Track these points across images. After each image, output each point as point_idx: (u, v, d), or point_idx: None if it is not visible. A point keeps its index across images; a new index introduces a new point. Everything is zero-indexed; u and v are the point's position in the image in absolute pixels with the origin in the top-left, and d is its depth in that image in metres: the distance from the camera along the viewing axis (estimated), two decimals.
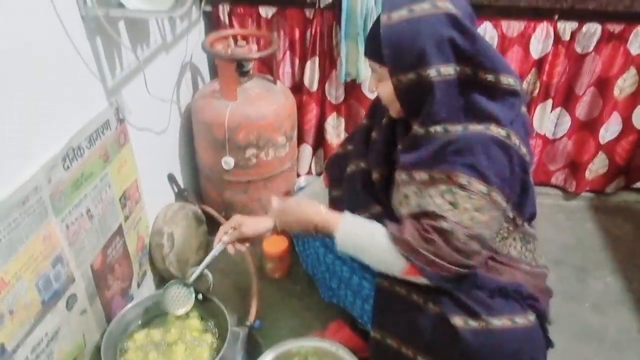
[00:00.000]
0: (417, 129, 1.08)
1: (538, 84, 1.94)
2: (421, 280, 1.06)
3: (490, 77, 1.02)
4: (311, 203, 1.20)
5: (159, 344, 1.34)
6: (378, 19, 1.05)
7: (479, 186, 1.00)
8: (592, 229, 2.05)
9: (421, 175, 1.07)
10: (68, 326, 1.18)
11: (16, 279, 0.98)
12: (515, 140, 1.02)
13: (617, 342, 1.58)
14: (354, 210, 1.27)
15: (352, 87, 2.01)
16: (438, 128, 1.05)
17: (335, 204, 1.36)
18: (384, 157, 1.23)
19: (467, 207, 1.00)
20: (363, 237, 1.10)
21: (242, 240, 1.31)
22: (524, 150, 1.04)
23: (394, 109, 1.14)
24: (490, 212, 1.02)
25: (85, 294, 1.24)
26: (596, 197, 2.23)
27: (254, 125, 1.69)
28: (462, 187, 1.00)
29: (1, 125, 0.93)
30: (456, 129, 1.03)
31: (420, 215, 1.05)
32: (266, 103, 1.72)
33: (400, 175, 1.13)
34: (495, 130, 1.01)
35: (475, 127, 1.02)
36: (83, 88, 1.19)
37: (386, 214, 1.25)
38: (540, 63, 1.90)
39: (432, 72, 1.00)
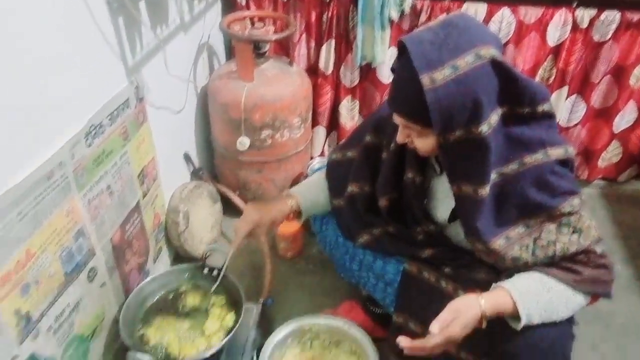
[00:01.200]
0: (465, 188, 1.02)
1: (554, 71, 1.93)
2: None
3: (527, 110, 0.99)
4: (465, 303, 1.01)
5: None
6: (407, 78, 0.94)
7: (577, 201, 1.02)
8: (603, 217, 2.05)
9: (517, 231, 1.04)
10: (89, 298, 1.22)
11: (41, 251, 1.02)
12: (570, 151, 1.04)
13: (624, 327, 1.61)
14: (359, 231, 1.28)
15: (367, 71, 2.01)
16: (493, 176, 1.01)
17: (339, 214, 1.34)
18: (394, 184, 1.22)
19: (587, 225, 1.03)
20: (543, 300, 1.01)
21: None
22: (574, 155, 1.06)
23: (427, 154, 1.08)
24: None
25: (105, 267, 1.28)
26: (608, 185, 2.24)
27: (270, 107, 1.70)
28: (570, 213, 1.02)
29: (28, 102, 0.96)
30: (512, 168, 1.01)
31: (564, 261, 1.04)
32: (282, 85, 1.74)
33: (490, 245, 1.04)
34: (555, 153, 1.01)
35: (533, 158, 1.00)
36: (105, 67, 1.21)
37: (392, 233, 1.26)
38: (557, 50, 1.89)
39: (484, 128, 0.94)
